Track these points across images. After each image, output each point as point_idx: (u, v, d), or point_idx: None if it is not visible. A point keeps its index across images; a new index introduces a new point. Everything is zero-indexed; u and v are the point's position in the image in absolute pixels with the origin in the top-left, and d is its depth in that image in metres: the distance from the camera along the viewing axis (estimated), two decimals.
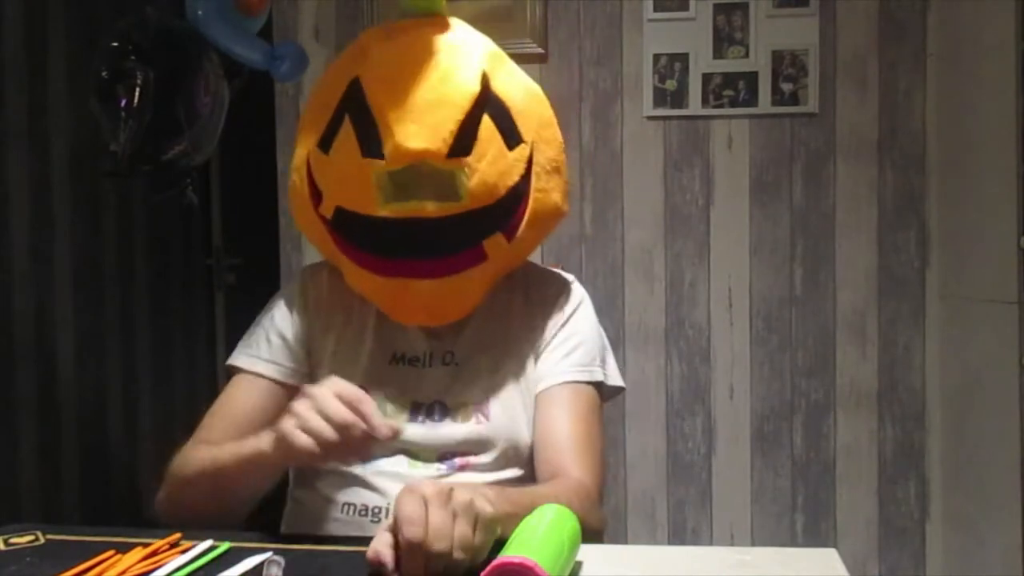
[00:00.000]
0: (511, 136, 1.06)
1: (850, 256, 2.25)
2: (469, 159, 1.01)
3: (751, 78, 2.23)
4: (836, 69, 2.23)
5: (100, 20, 2.78)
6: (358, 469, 1.06)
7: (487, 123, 1.04)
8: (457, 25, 1.12)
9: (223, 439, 1.05)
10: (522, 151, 1.08)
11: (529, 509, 0.85)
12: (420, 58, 1.04)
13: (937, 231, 2.22)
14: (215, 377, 3.75)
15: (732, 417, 2.28)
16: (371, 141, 1.01)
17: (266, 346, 1.13)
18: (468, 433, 1.08)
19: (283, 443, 0.88)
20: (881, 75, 2.23)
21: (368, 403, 0.89)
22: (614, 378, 1.18)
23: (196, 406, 3.61)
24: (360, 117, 1.03)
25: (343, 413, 0.86)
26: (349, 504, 1.06)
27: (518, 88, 1.11)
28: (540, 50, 2.28)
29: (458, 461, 1.07)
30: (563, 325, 1.15)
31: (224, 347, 3.69)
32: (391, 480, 1.05)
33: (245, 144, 2.81)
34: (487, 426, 1.08)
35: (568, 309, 1.17)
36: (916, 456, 2.25)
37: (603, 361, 1.17)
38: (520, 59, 2.32)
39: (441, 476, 1.06)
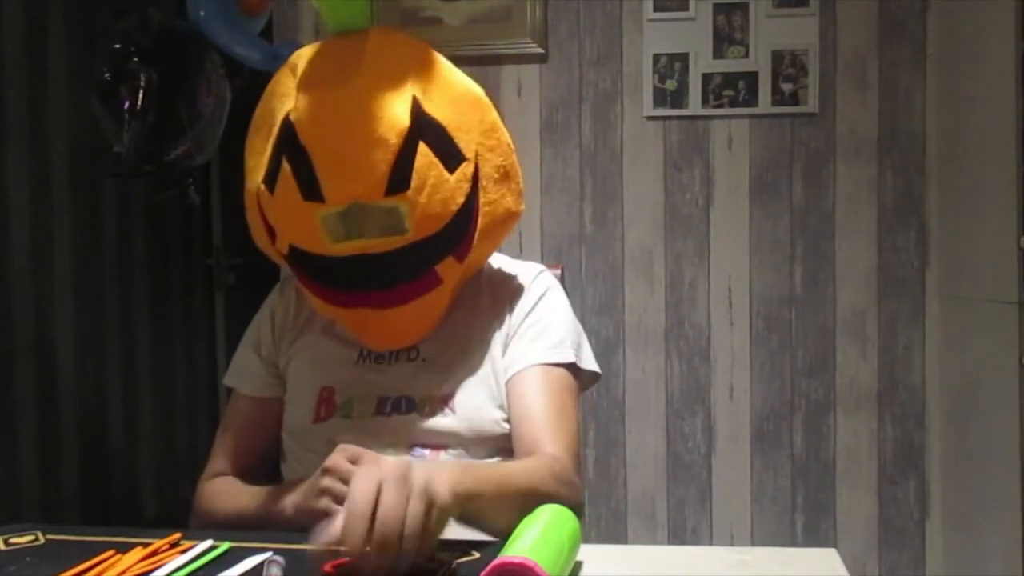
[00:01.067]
0: (451, 157, 1.04)
1: (850, 256, 2.25)
2: (408, 193, 1.00)
3: (751, 78, 2.23)
4: (836, 69, 2.23)
5: (100, 21, 2.79)
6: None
7: (423, 151, 1.01)
8: (386, 41, 1.07)
9: (234, 465, 1.17)
10: (465, 170, 1.06)
11: (497, 486, 0.89)
12: (348, 93, 1.01)
13: (937, 231, 2.22)
14: (215, 377, 3.75)
15: (732, 417, 2.28)
16: (310, 184, 1.00)
17: (246, 365, 1.21)
18: (434, 426, 1.10)
19: (321, 516, 0.97)
20: (881, 75, 2.23)
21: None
22: (588, 362, 1.18)
23: (196, 406, 3.62)
24: (297, 159, 1.01)
25: None
26: None
27: (455, 103, 1.08)
28: (540, 50, 2.28)
29: (428, 453, 1.09)
30: (530, 311, 1.16)
31: (224, 347, 3.70)
32: None
33: (245, 144, 2.80)
34: (453, 419, 1.10)
35: (534, 296, 1.18)
36: (916, 456, 2.25)
37: (577, 345, 1.17)
38: (520, 59, 2.34)
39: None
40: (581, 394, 1.20)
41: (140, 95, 1.78)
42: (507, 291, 1.20)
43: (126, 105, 1.78)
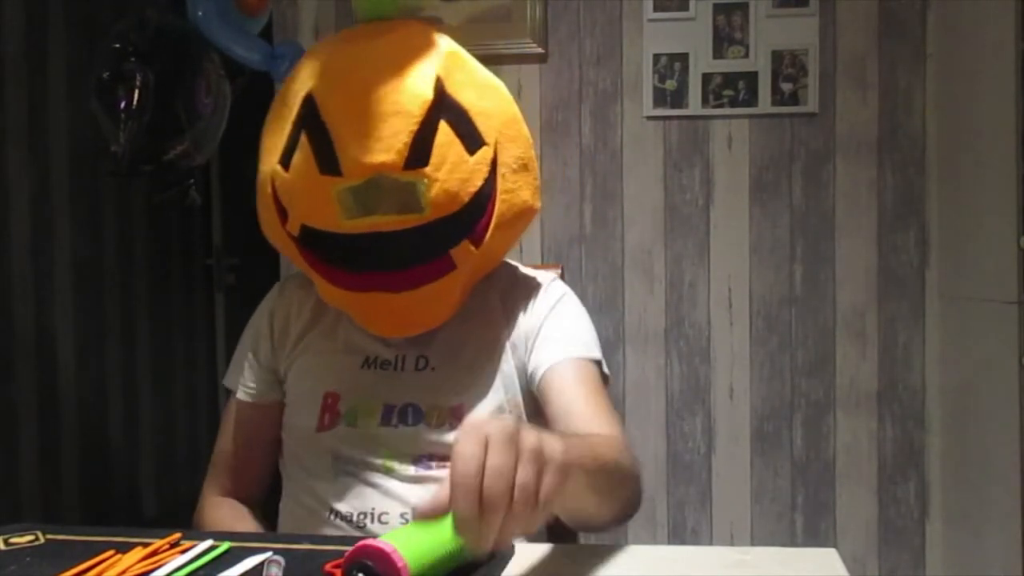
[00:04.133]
0: (471, 140, 1.03)
1: (850, 256, 2.25)
2: (427, 169, 0.98)
3: (751, 78, 2.23)
4: (836, 69, 2.23)
5: (100, 20, 2.79)
6: (336, 476, 1.08)
7: (444, 129, 1.01)
8: (412, 28, 1.09)
9: (234, 476, 1.18)
10: (484, 154, 1.05)
11: (594, 459, 0.82)
12: (371, 69, 1.01)
13: (937, 231, 2.22)
14: (215, 377, 3.75)
15: (732, 417, 2.28)
16: (328, 157, 0.99)
17: (243, 370, 1.17)
18: (443, 438, 1.07)
19: None
20: (881, 75, 2.23)
21: None
22: (605, 366, 1.17)
23: (196, 406, 3.62)
24: (316, 134, 1.00)
25: None
26: (334, 510, 1.07)
27: (478, 88, 1.08)
28: (540, 50, 2.28)
29: (434, 464, 1.07)
30: (549, 316, 1.14)
31: (224, 347, 3.70)
32: (369, 486, 1.07)
33: (245, 144, 2.81)
34: None
35: (551, 299, 1.16)
36: (916, 456, 2.25)
37: (599, 349, 1.16)
38: (520, 59, 2.34)
39: (418, 476, 1.06)
40: None
41: (136, 95, 1.78)
42: (520, 297, 1.16)
43: (122, 105, 1.78)
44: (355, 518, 1.05)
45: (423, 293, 1.04)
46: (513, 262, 1.24)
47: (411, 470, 1.06)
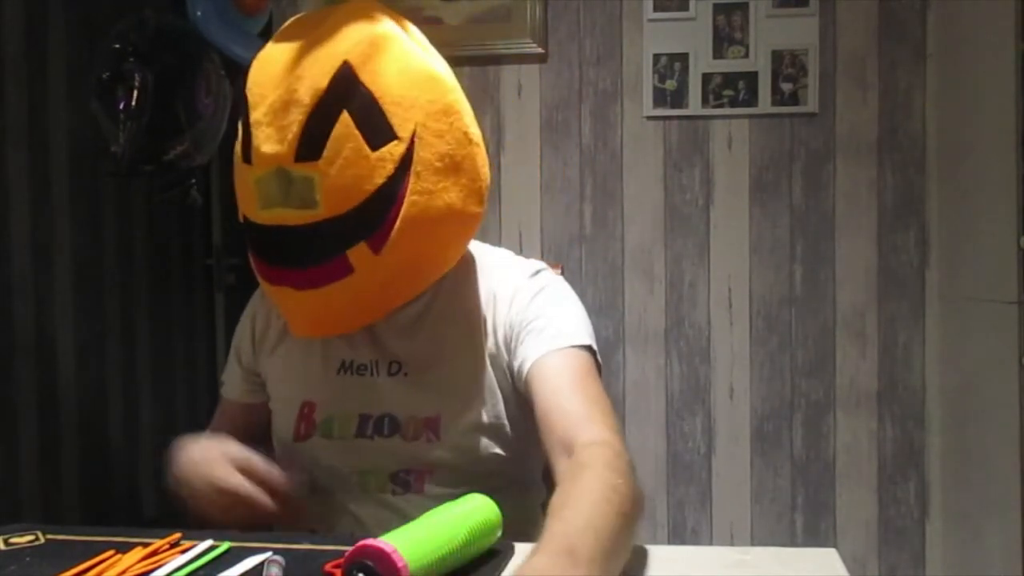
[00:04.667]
0: (378, 133, 0.96)
1: (850, 256, 2.25)
2: (319, 163, 0.94)
3: (751, 78, 2.23)
4: (836, 69, 2.23)
5: (100, 21, 2.78)
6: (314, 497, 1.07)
7: (344, 121, 0.94)
8: (354, 10, 1.03)
9: None
10: (393, 149, 0.97)
11: (604, 547, 0.73)
12: (288, 57, 0.97)
13: (937, 231, 2.22)
14: (215, 377, 3.75)
15: (732, 417, 2.28)
16: (247, 147, 0.98)
17: (230, 371, 1.20)
18: (419, 452, 1.04)
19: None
20: (881, 75, 2.23)
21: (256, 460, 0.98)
22: (598, 353, 1.07)
23: (196, 406, 3.62)
24: (245, 123, 0.99)
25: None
26: (312, 529, 1.06)
27: (400, 74, 0.99)
28: (540, 50, 2.28)
29: (413, 480, 1.05)
30: (529, 310, 1.06)
31: (224, 347, 3.69)
32: (345, 513, 1.06)
33: None
34: (438, 446, 1.04)
35: (530, 295, 1.08)
36: (916, 456, 2.25)
37: (589, 333, 1.07)
38: (520, 59, 2.34)
39: (394, 505, 1.04)
40: None
41: (135, 95, 1.78)
42: (502, 297, 1.09)
43: (121, 105, 1.78)
44: None
45: (322, 295, 0.99)
46: (505, 255, 1.17)
47: (387, 492, 1.05)
